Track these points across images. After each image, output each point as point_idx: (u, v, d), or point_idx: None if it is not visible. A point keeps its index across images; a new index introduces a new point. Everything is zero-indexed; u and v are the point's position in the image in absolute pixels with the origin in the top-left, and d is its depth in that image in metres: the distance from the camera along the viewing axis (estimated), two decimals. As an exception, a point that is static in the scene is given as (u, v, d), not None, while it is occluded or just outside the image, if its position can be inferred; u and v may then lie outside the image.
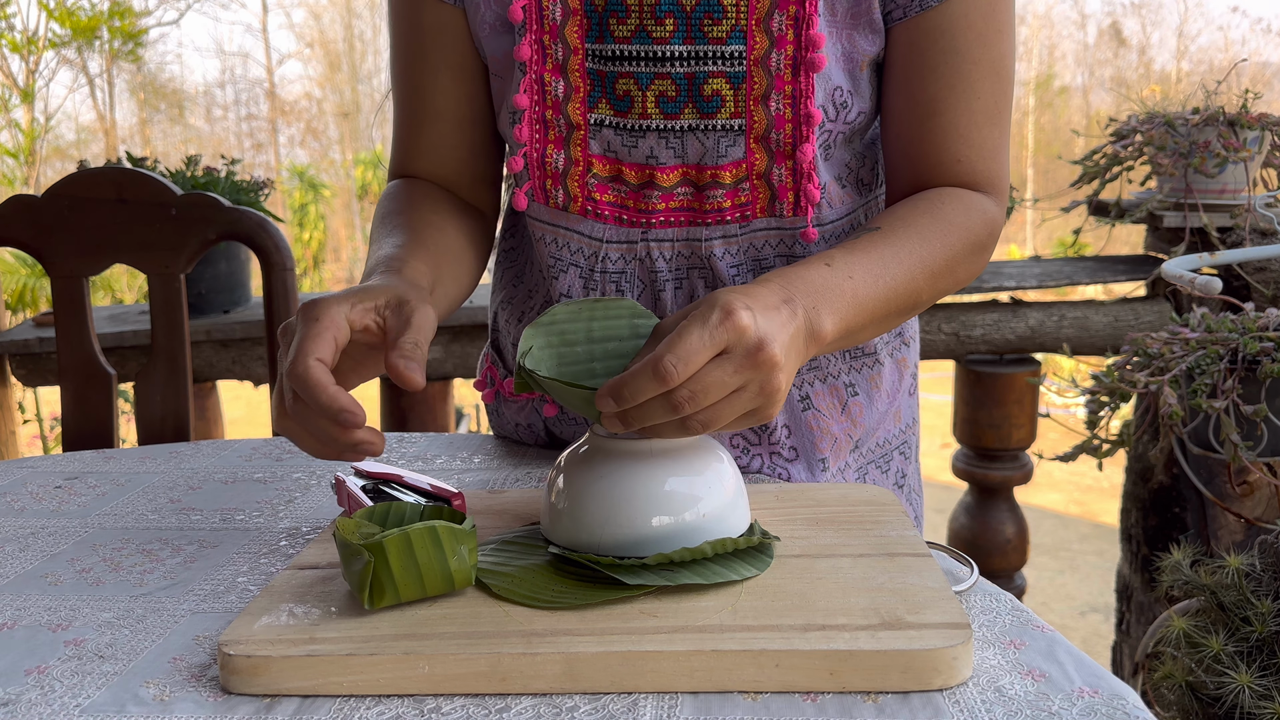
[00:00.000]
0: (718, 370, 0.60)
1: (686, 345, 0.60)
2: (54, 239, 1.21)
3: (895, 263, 0.75)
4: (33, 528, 0.82)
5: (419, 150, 0.91)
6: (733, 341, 0.61)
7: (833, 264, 0.73)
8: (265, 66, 17.39)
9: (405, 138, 0.92)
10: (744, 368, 0.61)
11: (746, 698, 0.55)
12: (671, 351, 0.59)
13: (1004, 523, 2.25)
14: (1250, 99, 1.94)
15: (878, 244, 0.76)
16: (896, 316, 0.78)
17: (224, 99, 17.72)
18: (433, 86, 0.89)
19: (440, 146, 0.91)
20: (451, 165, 0.92)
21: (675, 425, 0.62)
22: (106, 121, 13.11)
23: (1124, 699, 0.54)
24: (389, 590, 0.59)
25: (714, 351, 0.60)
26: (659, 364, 0.59)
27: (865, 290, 0.73)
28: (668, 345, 0.60)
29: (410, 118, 0.91)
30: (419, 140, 0.91)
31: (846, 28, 0.80)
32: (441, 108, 0.89)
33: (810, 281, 0.70)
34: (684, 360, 0.59)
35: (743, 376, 0.61)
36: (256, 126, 17.70)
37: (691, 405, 0.60)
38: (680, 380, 0.59)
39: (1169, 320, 1.53)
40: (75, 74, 11.81)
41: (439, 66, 0.88)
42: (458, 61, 0.88)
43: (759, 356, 0.61)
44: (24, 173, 7.41)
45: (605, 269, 0.85)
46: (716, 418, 0.62)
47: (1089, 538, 4.87)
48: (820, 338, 0.69)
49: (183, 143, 16.10)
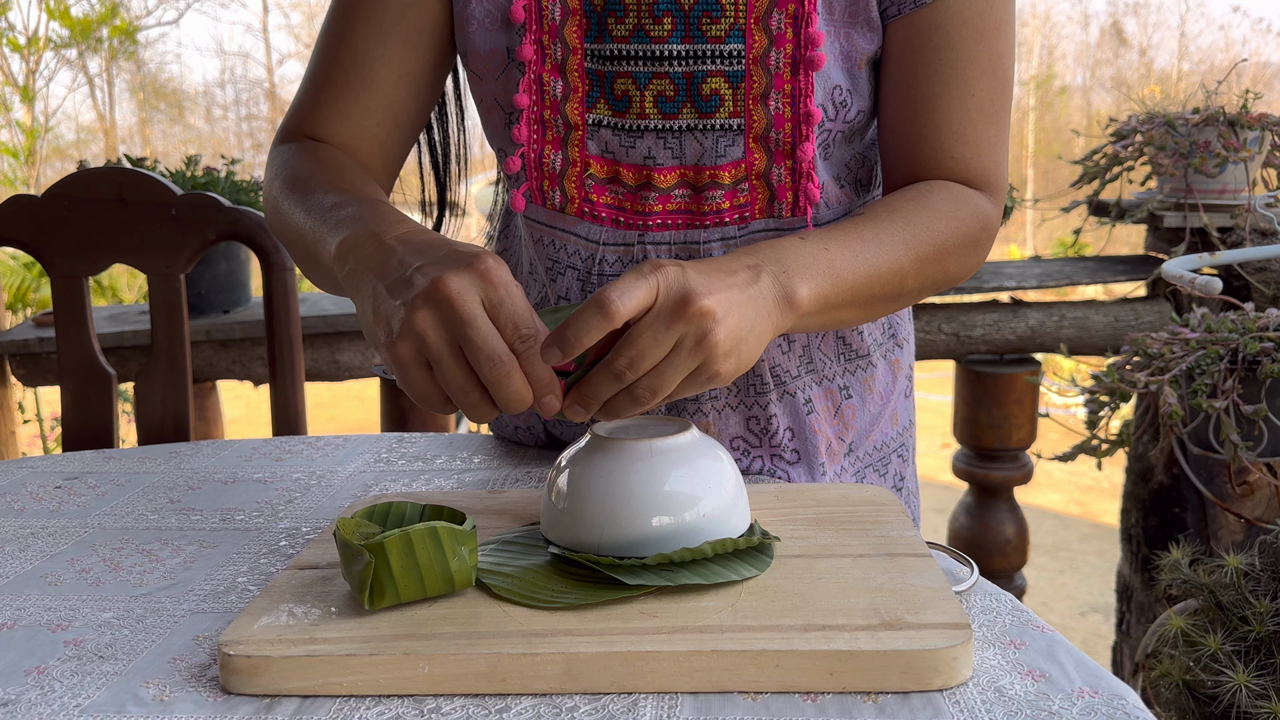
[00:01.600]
0: (648, 330, 0.60)
1: (622, 281, 0.59)
2: (54, 239, 1.21)
3: (876, 243, 0.75)
4: (33, 528, 0.82)
5: (336, 114, 0.86)
6: (661, 292, 0.60)
7: (806, 237, 0.72)
8: (265, 66, 17.37)
9: (322, 98, 0.86)
10: (673, 321, 0.60)
11: (746, 698, 0.55)
12: (613, 286, 0.59)
13: (1004, 523, 2.25)
14: (1250, 99, 1.94)
15: (858, 225, 0.76)
16: (882, 302, 0.77)
17: (224, 99, 17.71)
18: (378, 55, 0.85)
19: (363, 116, 0.86)
20: (367, 138, 0.87)
21: (626, 398, 0.62)
22: (106, 121, 13.10)
23: (1124, 699, 0.54)
24: (389, 591, 0.59)
25: (648, 293, 0.60)
26: (601, 297, 0.58)
27: (843, 263, 0.72)
28: (607, 285, 0.60)
29: (338, 78, 0.86)
30: (340, 104, 0.86)
31: (845, 26, 0.80)
32: (380, 78, 0.85)
33: (780, 249, 0.70)
34: (625, 291, 0.59)
35: (674, 331, 0.60)
36: (256, 126, 17.69)
37: (633, 372, 0.60)
38: (621, 310, 0.58)
39: (1169, 320, 1.53)
40: (75, 74, 11.82)
41: (391, 38, 0.84)
42: (413, 40, 0.85)
43: (687, 309, 0.60)
44: (24, 173, 7.41)
45: (602, 271, 0.85)
46: (662, 382, 0.61)
47: (1089, 538, 4.87)
48: (795, 304, 0.68)
49: (183, 143, 16.09)
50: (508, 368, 0.59)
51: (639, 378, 0.61)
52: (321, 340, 2.09)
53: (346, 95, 0.86)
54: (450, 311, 0.59)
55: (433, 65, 0.87)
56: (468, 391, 0.60)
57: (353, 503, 0.82)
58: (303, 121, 0.88)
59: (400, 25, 0.85)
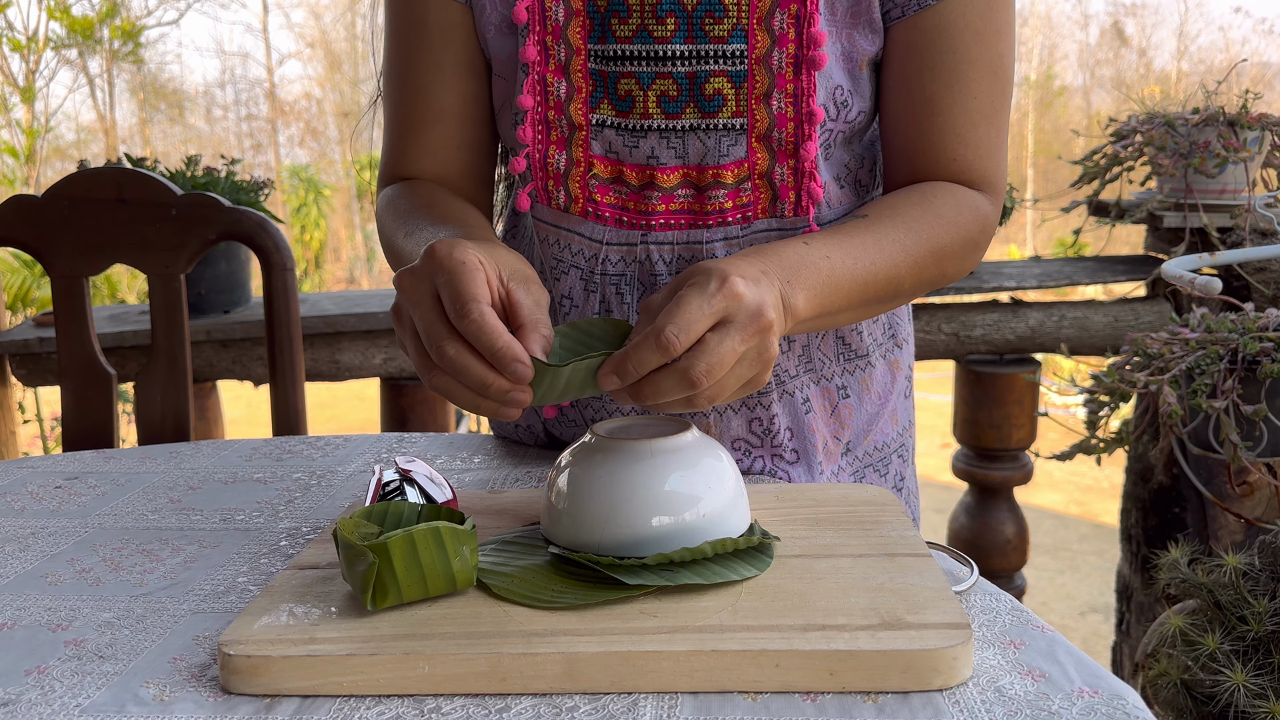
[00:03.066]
0: (727, 340, 0.61)
1: (686, 314, 0.60)
2: (54, 239, 1.21)
3: (876, 248, 0.75)
4: (33, 528, 0.82)
5: (421, 151, 0.90)
6: (732, 309, 0.61)
7: (810, 243, 0.73)
8: (265, 66, 17.37)
9: (405, 139, 0.91)
10: (749, 334, 0.61)
11: (746, 698, 0.55)
12: (672, 322, 0.59)
13: (1004, 523, 2.25)
14: (1250, 99, 1.94)
15: (860, 229, 0.76)
16: (877, 303, 0.78)
17: (224, 99, 17.72)
18: (440, 86, 0.88)
19: (445, 147, 0.90)
20: (455, 166, 0.91)
21: (683, 400, 0.62)
22: (106, 121, 13.11)
23: (1124, 699, 0.54)
24: (392, 591, 0.59)
25: (714, 320, 0.61)
26: (661, 335, 0.59)
27: (842, 271, 0.73)
28: (667, 315, 0.60)
29: (413, 117, 0.90)
30: (421, 141, 0.90)
31: (846, 27, 0.80)
32: (448, 106, 0.88)
33: (785, 257, 0.70)
34: (685, 329, 0.59)
35: (747, 343, 0.62)
36: (256, 127, 17.69)
37: (708, 380, 0.60)
38: (682, 349, 0.60)
39: (1169, 320, 1.53)
40: (75, 74, 11.82)
41: (446, 65, 0.87)
42: (465, 60, 0.87)
43: (761, 322, 0.62)
44: (24, 173, 7.41)
45: (605, 270, 0.85)
46: (723, 389, 0.63)
47: (1089, 538, 4.87)
48: (794, 313, 0.69)
49: (183, 143, 16.09)
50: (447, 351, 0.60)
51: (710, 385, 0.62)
52: (321, 340, 2.09)
53: (424, 131, 0.89)
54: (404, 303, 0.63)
55: (487, 79, 0.89)
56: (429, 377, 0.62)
57: (353, 503, 0.82)
58: (395, 165, 0.92)
59: (449, 51, 0.87)
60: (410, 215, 0.83)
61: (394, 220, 0.85)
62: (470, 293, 0.60)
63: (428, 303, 0.61)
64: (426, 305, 0.61)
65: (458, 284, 0.60)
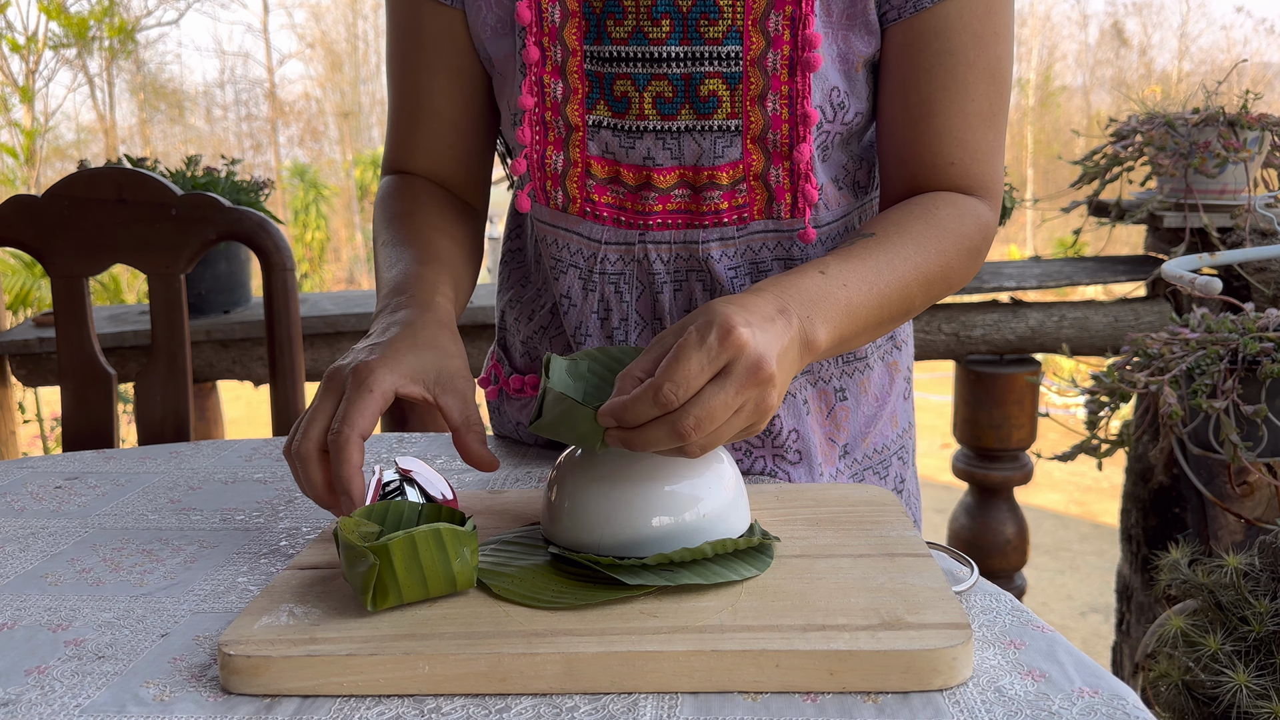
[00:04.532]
0: (721, 394, 0.60)
1: (685, 370, 0.59)
2: (54, 239, 1.21)
3: (889, 270, 0.75)
4: (33, 528, 0.82)
5: (414, 147, 0.92)
6: (732, 360, 0.60)
7: (827, 271, 0.72)
8: (265, 66, 17.38)
9: (401, 135, 0.93)
10: (745, 387, 0.61)
11: (746, 698, 0.55)
12: (670, 378, 0.59)
13: (1004, 523, 2.25)
14: (1250, 99, 1.94)
15: (873, 251, 0.76)
16: (890, 323, 0.78)
17: (224, 99, 17.72)
18: (430, 87, 0.89)
19: (436, 145, 0.92)
20: (447, 165, 0.93)
21: (674, 448, 0.62)
22: (106, 121, 13.10)
23: (1124, 699, 0.54)
24: (392, 592, 0.59)
25: (713, 372, 0.60)
26: (659, 391, 0.59)
27: (859, 298, 0.72)
28: (666, 371, 0.60)
29: (407, 116, 0.92)
30: (415, 138, 0.92)
31: (842, 28, 0.80)
32: (440, 108, 0.90)
33: (805, 291, 0.70)
34: (683, 385, 0.59)
35: (743, 396, 0.61)
36: (256, 127, 17.69)
37: (698, 432, 0.60)
38: (679, 403, 0.59)
39: (1169, 320, 1.53)
40: (75, 74, 11.82)
41: (437, 68, 0.88)
42: (456, 64, 0.88)
43: (759, 374, 0.61)
44: (24, 173, 7.41)
45: (604, 270, 0.85)
46: (717, 439, 0.62)
47: (1089, 538, 4.87)
48: (814, 348, 0.69)
49: (183, 143, 16.10)
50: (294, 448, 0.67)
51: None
52: (321, 340, 2.09)
53: (418, 131, 0.92)
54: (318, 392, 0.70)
55: (484, 80, 0.90)
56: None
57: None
58: (394, 159, 0.95)
59: (440, 53, 0.88)
60: (390, 224, 0.88)
61: (382, 220, 0.89)
62: (352, 419, 0.65)
63: (325, 404, 0.68)
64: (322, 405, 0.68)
65: (349, 408, 0.66)
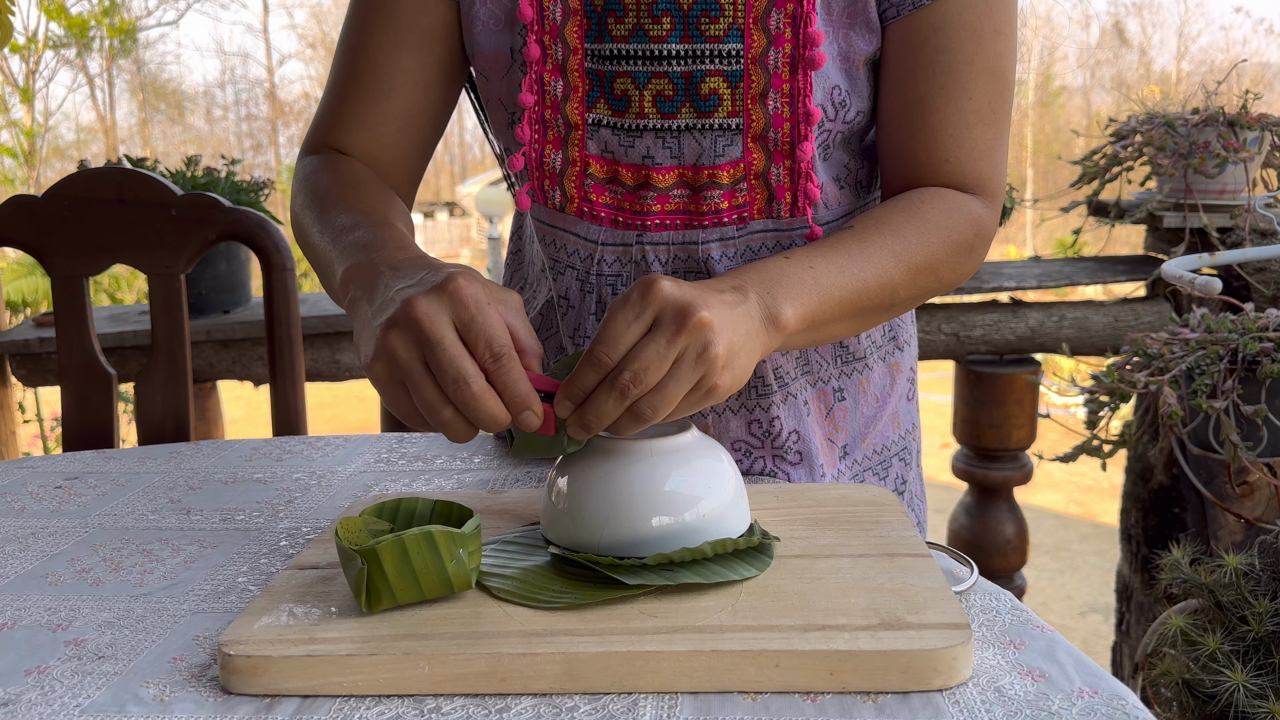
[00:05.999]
0: (652, 345, 0.60)
1: (613, 328, 0.60)
2: (54, 239, 1.21)
3: (864, 257, 0.75)
4: (33, 528, 0.82)
5: (357, 124, 0.87)
6: (659, 311, 0.60)
7: (791, 257, 0.72)
8: (265, 67, 17.37)
9: (343, 108, 0.88)
10: (676, 334, 0.60)
11: (746, 698, 0.55)
12: (600, 340, 0.60)
13: (1004, 523, 2.25)
14: (1250, 99, 1.94)
15: (845, 239, 0.76)
16: (873, 313, 0.77)
17: (224, 99, 17.72)
18: (394, 63, 0.86)
19: (384, 125, 0.87)
20: (388, 148, 0.88)
21: (629, 416, 0.61)
22: (106, 122, 13.11)
23: (1124, 699, 0.54)
24: (385, 595, 0.59)
25: (642, 327, 0.60)
26: (592, 354, 0.60)
27: (830, 280, 0.72)
28: (597, 335, 0.61)
29: (357, 88, 0.87)
30: (360, 113, 0.87)
31: (843, 27, 0.80)
32: (398, 85, 0.86)
33: (763, 271, 0.70)
34: (610, 343, 0.60)
35: (676, 345, 0.60)
36: (256, 127, 17.68)
37: (636, 386, 0.60)
38: (613, 362, 0.60)
39: (1169, 320, 1.53)
40: (75, 74, 11.82)
41: (406, 44, 0.85)
42: (428, 45, 0.86)
43: (688, 321, 0.60)
44: (24, 173, 7.41)
45: (601, 271, 0.85)
46: (664, 399, 0.61)
47: (1089, 538, 4.87)
48: (781, 324, 0.68)
49: (183, 143, 16.09)
50: (473, 389, 0.59)
51: (642, 395, 0.61)
52: (321, 340, 2.09)
53: (366, 104, 0.87)
54: (418, 331, 0.59)
55: (447, 69, 0.88)
56: (438, 410, 0.60)
57: (353, 503, 0.82)
58: (326, 133, 0.89)
59: (414, 32, 0.85)
60: (328, 196, 0.80)
61: (308, 197, 0.82)
62: (503, 339, 0.59)
63: (450, 336, 0.59)
64: (450, 339, 0.59)
65: (491, 329, 0.59)
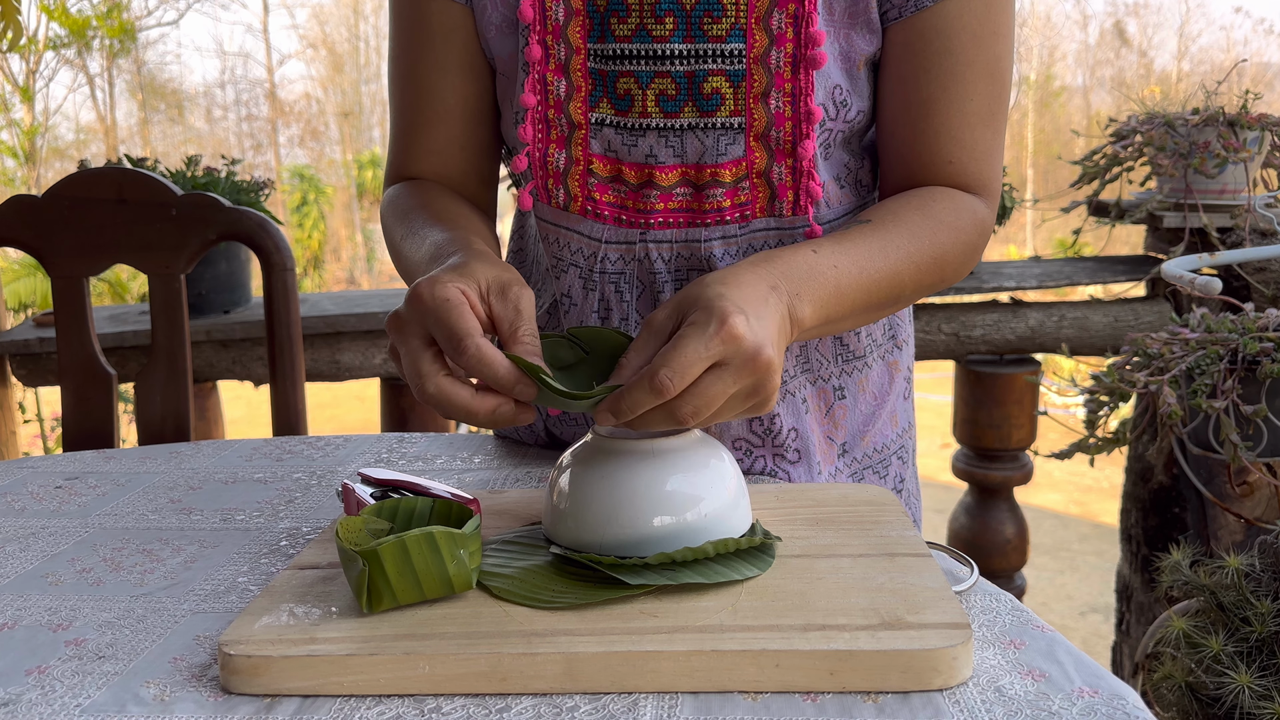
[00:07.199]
0: (718, 383, 0.61)
1: (683, 358, 0.60)
2: (54, 239, 1.21)
3: (881, 256, 0.76)
4: (33, 528, 0.82)
5: (425, 151, 0.91)
6: (729, 353, 0.61)
7: (819, 251, 0.73)
8: (266, 67, 17.39)
9: (410, 139, 0.92)
10: (742, 376, 0.61)
11: (746, 698, 0.55)
12: (667, 365, 0.59)
13: (1004, 523, 2.25)
14: (1250, 99, 1.94)
15: (867, 236, 0.76)
16: (878, 309, 0.79)
17: (224, 99, 17.73)
18: (443, 86, 0.89)
19: (449, 146, 0.91)
20: (458, 165, 0.92)
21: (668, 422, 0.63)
22: (106, 121, 13.11)
23: (1124, 699, 0.54)
24: (386, 595, 0.59)
25: (710, 362, 0.60)
26: (655, 378, 0.59)
27: (848, 281, 0.73)
28: (664, 358, 0.60)
29: (417, 118, 0.91)
30: (426, 140, 0.91)
31: (844, 27, 0.80)
32: (452, 106, 0.89)
33: (796, 267, 0.70)
34: (680, 373, 0.60)
35: (741, 384, 0.62)
36: (256, 127, 17.70)
37: (695, 419, 0.61)
38: (676, 392, 0.60)
39: (1169, 320, 1.53)
40: (75, 74, 11.83)
41: (449, 66, 0.88)
42: (468, 61, 0.88)
43: (757, 363, 0.61)
44: (24, 173, 7.42)
45: (604, 269, 0.85)
46: (717, 419, 0.63)
47: (1089, 538, 4.87)
48: (799, 324, 0.69)
49: (183, 143, 16.10)
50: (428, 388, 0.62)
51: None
52: (321, 340, 2.09)
53: (428, 132, 0.90)
54: (394, 344, 0.65)
55: (491, 77, 0.90)
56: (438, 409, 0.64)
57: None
58: (399, 166, 0.93)
59: (451, 52, 0.88)
60: (409, 214, 0.85)
61: (395, 218, 0.87)
62: (461, 329, 0.61)
63: (412, 343, 0.63)
64: (411, 346, 0.63)
65: (448, 323, 0.62)
